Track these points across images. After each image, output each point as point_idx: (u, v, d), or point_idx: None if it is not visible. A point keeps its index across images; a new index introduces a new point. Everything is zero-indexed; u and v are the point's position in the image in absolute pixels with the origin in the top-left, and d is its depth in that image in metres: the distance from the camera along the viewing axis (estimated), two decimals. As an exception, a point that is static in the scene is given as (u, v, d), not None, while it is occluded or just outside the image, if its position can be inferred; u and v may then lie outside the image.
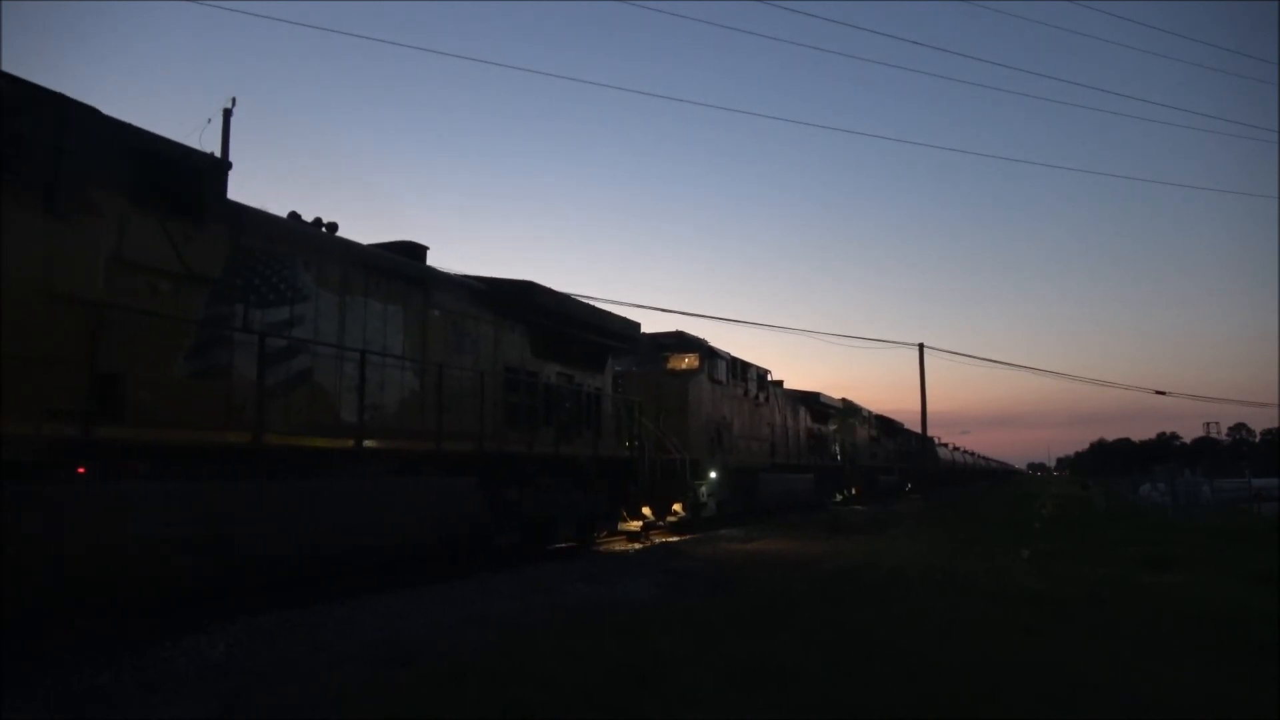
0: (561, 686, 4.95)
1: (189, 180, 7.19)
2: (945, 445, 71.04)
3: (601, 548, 14.35)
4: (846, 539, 16.00)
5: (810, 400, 29.50)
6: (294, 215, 9.26)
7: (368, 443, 8.66)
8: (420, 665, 5.52)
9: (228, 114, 19.33)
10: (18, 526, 5.38)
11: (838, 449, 32.54)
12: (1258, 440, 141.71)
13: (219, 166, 7.51)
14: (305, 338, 8.28)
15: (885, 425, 43.35)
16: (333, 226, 9.61)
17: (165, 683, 5.10)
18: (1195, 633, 7.02)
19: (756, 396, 22.91)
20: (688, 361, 19.06)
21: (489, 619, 7.21)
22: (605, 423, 14.05)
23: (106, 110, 6.60)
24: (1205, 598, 8.73)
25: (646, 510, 15.98)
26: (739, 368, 21.77)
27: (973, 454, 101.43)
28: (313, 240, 8.80)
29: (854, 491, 33.97)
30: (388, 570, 9.42)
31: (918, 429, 42.89)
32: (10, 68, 6.74)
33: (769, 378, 24.35)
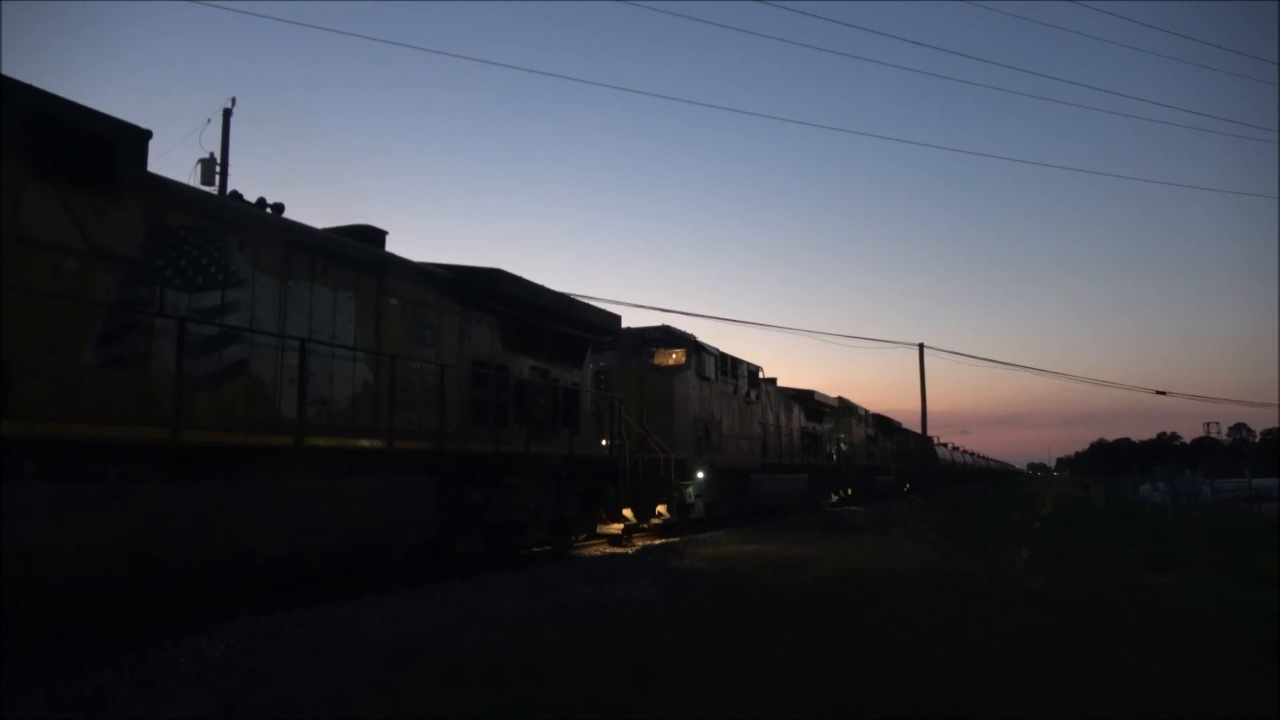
0: (563, 686, 4.95)
1: (102, 150, 6.51)
2: (944, 445, 70.36)
3: (579, 553, 13.66)
4: (845, 539, 15.80)
5: (804, 399, 28.80)
6: (234, 195, 8.59)
7: (310, 440, 7.96)
8: (422, 665, 5.48)
9: (227, 114, 18.81)
10: None
11: (833, 449, 31.86)
12: (1258, 440, 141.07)
13: (137, 135, 6.82)
14: (239, 325, 7.60)
15: (882, 424, 42.64)
16: (278, 208, 8.93)
17: (165, 682, 5.08)
18: (1195, 633, 6.95)
19: (748, 394, 22.21)
20: (675, 357, 18.37)
21: (491, 619, 7.16)
22: (583, 420, 13.34)
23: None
24: (1205, 598, 8.60)
25: (627, 512, 15.27)
26: (729, 364, 21.07)
27: (972, 454, 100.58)
28: (249, 219, 8.09)
29: (849, 492, 33.28)
30: (377, 573, 9.10)
31: (917, 429, 42.28)
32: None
33: (761, 375, 23.66)
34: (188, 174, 17.74)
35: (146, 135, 6.88)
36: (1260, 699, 5.21)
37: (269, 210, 8.78)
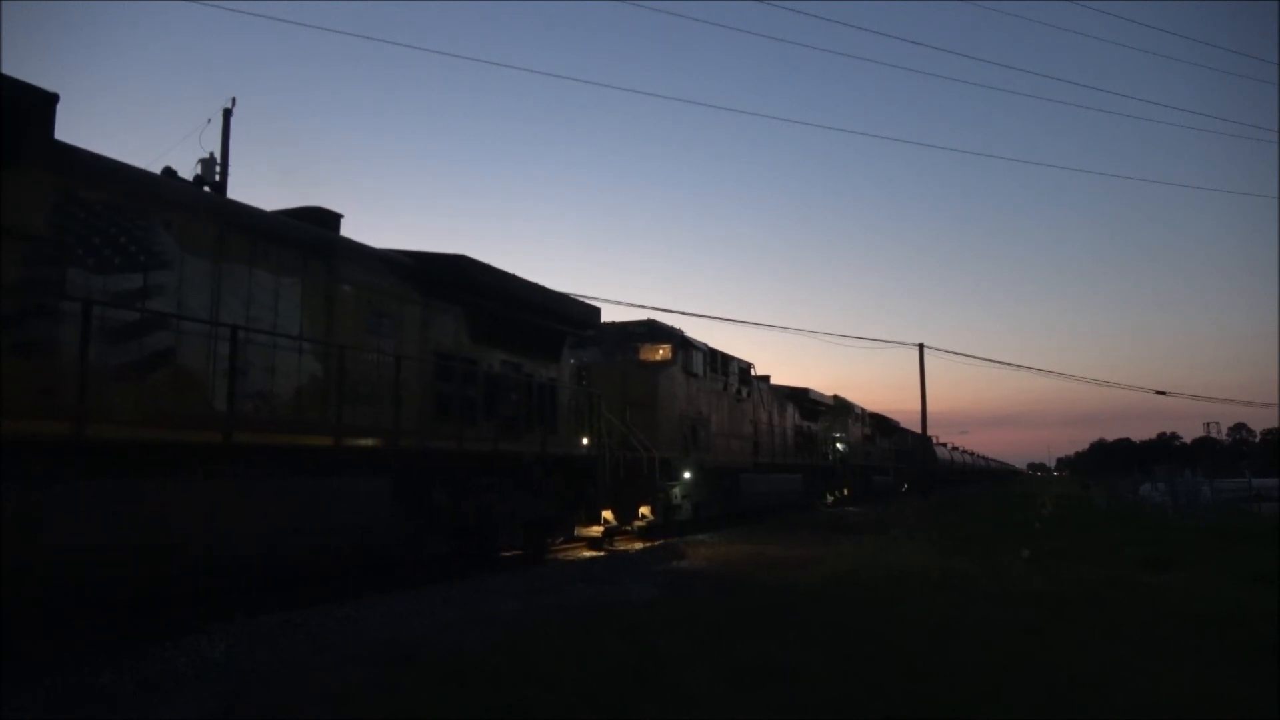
0: (563, 686, 4.95)
1: (-1, 114, 5.88)
2: (944, 445, 69.76)
3: (556, 557, 13.03)
4: (844, 540, 15.54)
5: (799, 397, 28.16)
6: (168, 171, 7.95)
7: (242, 437, 7.31)
8: (423, 665, 5.49)
9: (228, 114, 18.24)
10: None
11: (829, 448, 31.23)
12: (1258, 440, 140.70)
13: (42, 99, 6.18)
14: (165, 311, 6.95)
15: (880, 423, 42.04)
16: (219, 188, 8.29)
17: (165, 683, 5.09)
18: (1195, 633, 6.92)
19: (738, 391, 21.56)
20: (660, 353, 17.69)
21: (491, 619, 7.19)
22: (560, 417, 12.70)
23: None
24: (1205, 598, 8.58)
25: (608, 514, 14.61)
26: (719, 360, 20.41)
27: (972, 454, 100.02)
28: (177, 195, 7.41)
29: (846, 492, 32.65)
30: (381, 574, 8.98)
31: (916, 428, 41.69)
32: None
33: (752, 372, 23.01)
34: (188, 174, 17.16)
35: (53, 99, 6.24)
36: (1260, 699, 5.19)
37: (206, 189, 8.15)
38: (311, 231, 8.82)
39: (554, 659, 5.58)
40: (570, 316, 13.02)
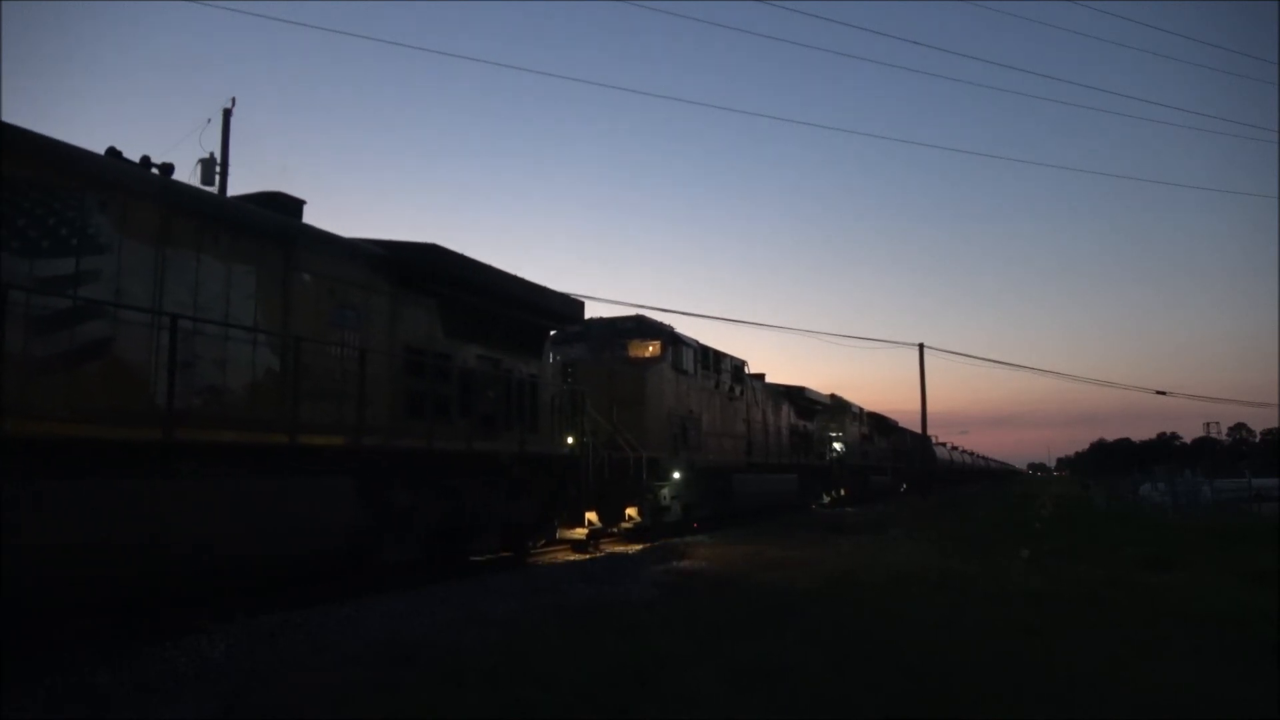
0: (562, 686, 4.94)
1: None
2: (943, 445, 69.40)
3: (539, 560, 12.55)
4: (843, 541, 15.41)
5: (794, 395, 27.70)
6: (112, 151, 7.45)
7: (190, 434, 6.82)
8: (422, 665, 5.49)
9: (227, 114, 17.86)
10: None
11: (825, 448, 30.76)
12: (1258, 440, 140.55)
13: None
14: (100, 298, 6.46)
15: (878, 423, 41.58)
16: (167, 169, 7.80)
17: (165, 683, 5.07)
18: (1195, 633, 6.88)
19: (731, 389, 21.07)
20: (650, 349, 17.20)
21: (491, 619, 7.17)
22: (541, 415, 12.20)
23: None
24: (1205, 598, 8.55)
25: (592, 516, 14.12)
26: (711, 357, 19.93)
27: (971, 454, 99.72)
28: (114, 175, 6.89)
29: (843, 493, 32.18)
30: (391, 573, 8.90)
31: (916, 428, 41.31)
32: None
33: (746, 370, 22.53)
34: (188, 174, 16.76)
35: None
36: (1260, 699, 5.17)
37: (155, 171, 7.65)
38: (268, 217, 8.32)
39: (553, 659, 5.57)
40: (552, 310, 12.54)
